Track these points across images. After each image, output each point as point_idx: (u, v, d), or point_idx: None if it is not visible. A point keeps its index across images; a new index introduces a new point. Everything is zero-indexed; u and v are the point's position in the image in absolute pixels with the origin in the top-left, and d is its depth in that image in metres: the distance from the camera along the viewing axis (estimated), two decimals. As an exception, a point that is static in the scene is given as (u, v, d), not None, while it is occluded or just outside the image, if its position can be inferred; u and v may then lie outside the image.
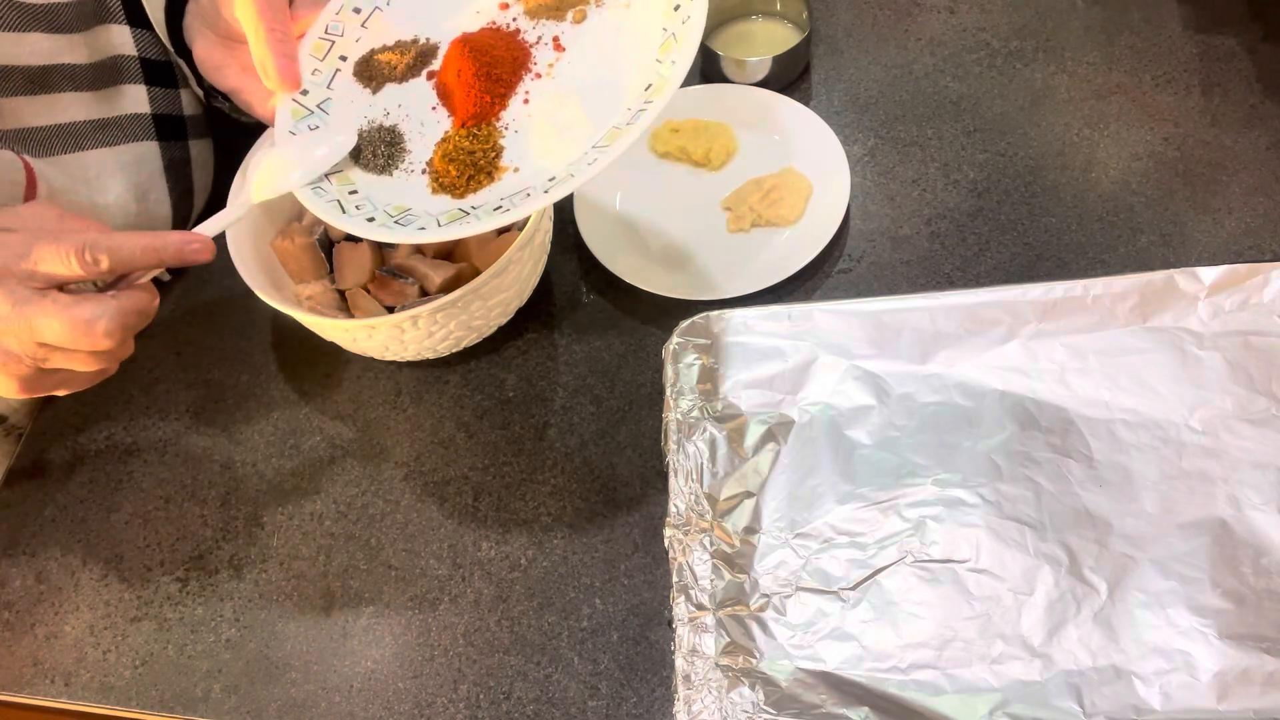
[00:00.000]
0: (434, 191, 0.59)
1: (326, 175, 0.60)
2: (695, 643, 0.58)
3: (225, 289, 0.80)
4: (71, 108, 0.71)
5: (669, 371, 0.67)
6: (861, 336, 0.67)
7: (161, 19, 0.73)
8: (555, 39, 0.63)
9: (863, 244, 0.75)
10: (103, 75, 0.73)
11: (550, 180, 0.57)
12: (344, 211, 0.58)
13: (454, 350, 0.70)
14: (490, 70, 0.61)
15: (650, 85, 0.58)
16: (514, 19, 0.64)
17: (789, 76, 0.83)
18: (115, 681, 0.65)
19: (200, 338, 0.78)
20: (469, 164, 0.59)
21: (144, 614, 0.67)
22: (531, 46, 0.63)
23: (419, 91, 0.64)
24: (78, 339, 0.54)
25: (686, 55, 0.58)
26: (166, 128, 0.77)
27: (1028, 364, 0.64)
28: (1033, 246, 0.73)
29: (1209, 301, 0.64)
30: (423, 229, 0.57)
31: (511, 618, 0.64)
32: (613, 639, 0.62)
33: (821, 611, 0.58)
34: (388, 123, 0.62)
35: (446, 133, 0.61)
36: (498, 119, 0.61)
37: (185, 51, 0.72)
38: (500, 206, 0.57)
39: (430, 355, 0.70)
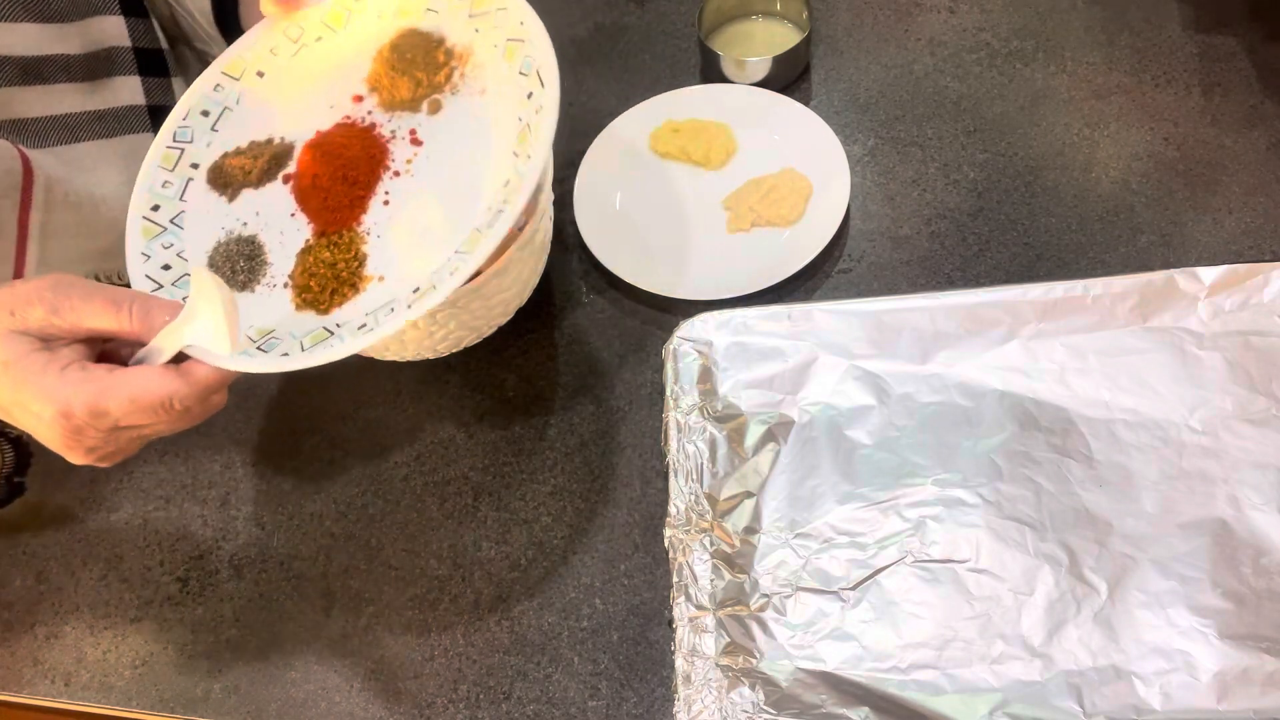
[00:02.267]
0: (298, 308, 0.56)
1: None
2: (695, 643, 0.58)
3: (225, 289, 0.80)
4: (67, 98, 0.71)
5: (669, 371, 0.67)
6: (861, 336, 0.67)
7: (208, 5, 0.74)
8: (412, 132, 0.61)
9: (863, 244, 0.75)
10: (97, 66, 0.73)
11: (414, 291, 0.54)
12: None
13: (454, 350, 0.70)
14: (346, 173, 0.60)
15: (508, 181, 0.56)
16: (369, 112, 0.63)
17: (789, 76, 0.83)
18: (115, 681, 0.65)
19: (200, 338, 0.78)
20: (331, 277, 0.57)
21: (144, 614, 0.67)
22: (388, 142, 0.61)
23: (276, 196, 0.61)
24: (159, 428, 0.53)
25: (541, 148, 0.56)
26: (161, 119, 0.77)
27: (1028, 364, 0.64)
28: (1033, 246, 0.73)
29: (1209, 301, 0.64)
30: (285, 354, 0.53)
31: (511, 618, 0.64)
32: (613, 639, 0.62)
33: (821, 611, 0.58)
34: (246, 233, 0.60)
35: (307, 241, 0.59)
36: (359, 224, 0.59)
37: (234, 37, 0.72)
38: (365, 325, 0.54)
39: (430, 355, 0.70)
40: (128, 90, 0.75)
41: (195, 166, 0.63)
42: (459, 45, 0.63)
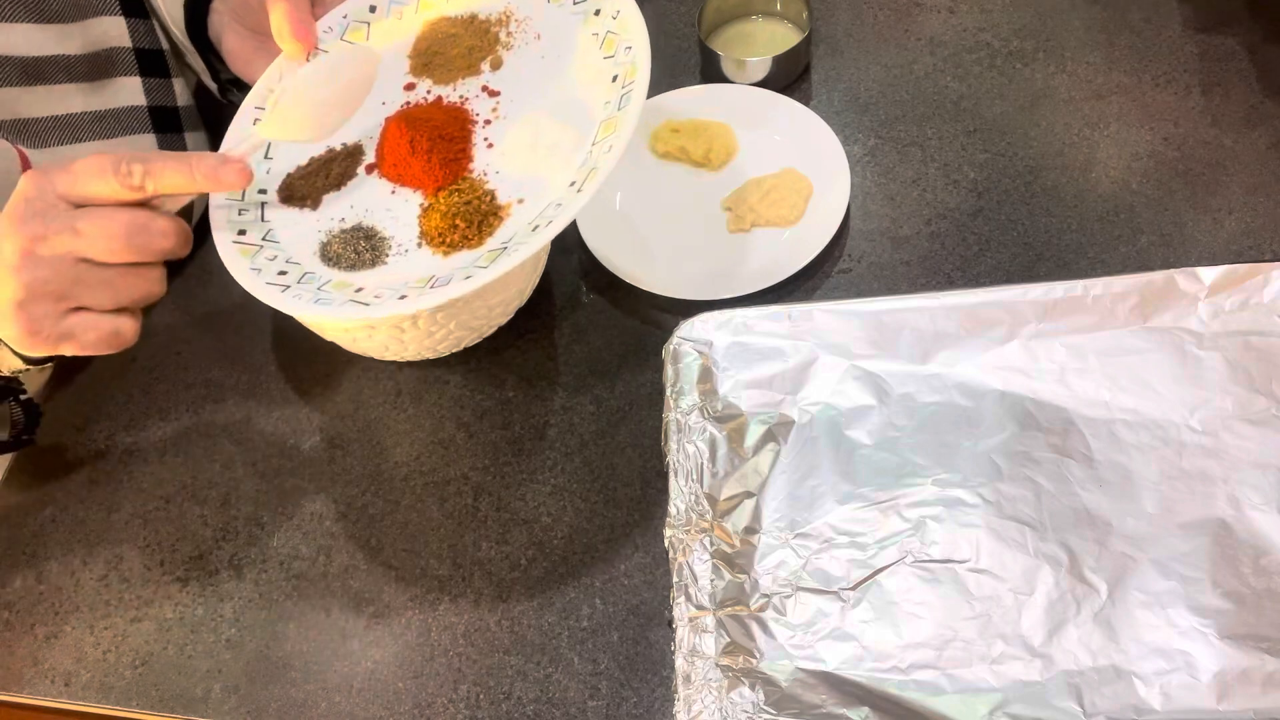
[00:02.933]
0: (446, 255, 0.58)
1: (319, 287, 0.58)
2: (695, 643, 0.58)
3: (225, 289, 0.79)
4: (67, 99, 0.71)
5: (669, 371, 0.67)
6: (861, 336, 0.67)
7: (180, 15, 0.74)
8: (484, 88, 0.63)
9: (863, 244, 0.75)
10: (97, 67, 0.73)
11: (571, 185, 0.57)
12: (368, 305, 0.56)
13: (454, 350, 0.70)
14: (441, 131, 0.61)
15: (615, 77, 0.58)
16: (428, 91, 0.64)
17: (789, 76, 0.83)
18: (115, 681, 0.65)
19: (200, 338, 0.78)
20: (474, 210, 0.59)
21: (144, 614, 0.67)
22: (464, 103, 0.63)
23: (366, 186, 0.62)
24: (129, 244, 0.53)
25: (638, 38, 0.58)
26: (162, 120, 0.78)
27: (1028, 364, 0.64)
28: (1033, 246, 0.73)
29: (1209, 301, 0.64)
30: (468, 277, 0.56)
31: (511, 618, 0.64)
32: (613, 639, 0.62)
33: (821, 611, 0.58)
34: (350, 223, 0.61)
35: (423, 205, 0.61)
36: (468, 172, 0.61)
37: (203, 45, 0.72)
38: (536, 225, 0.56)
39: (430, 355, 0.70)
40: (128, 91, 0.75)
41: (263, 192, 0.64)
42: (494, 13, 0.65)
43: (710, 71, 0.84)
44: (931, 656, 0.56)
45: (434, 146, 0.61)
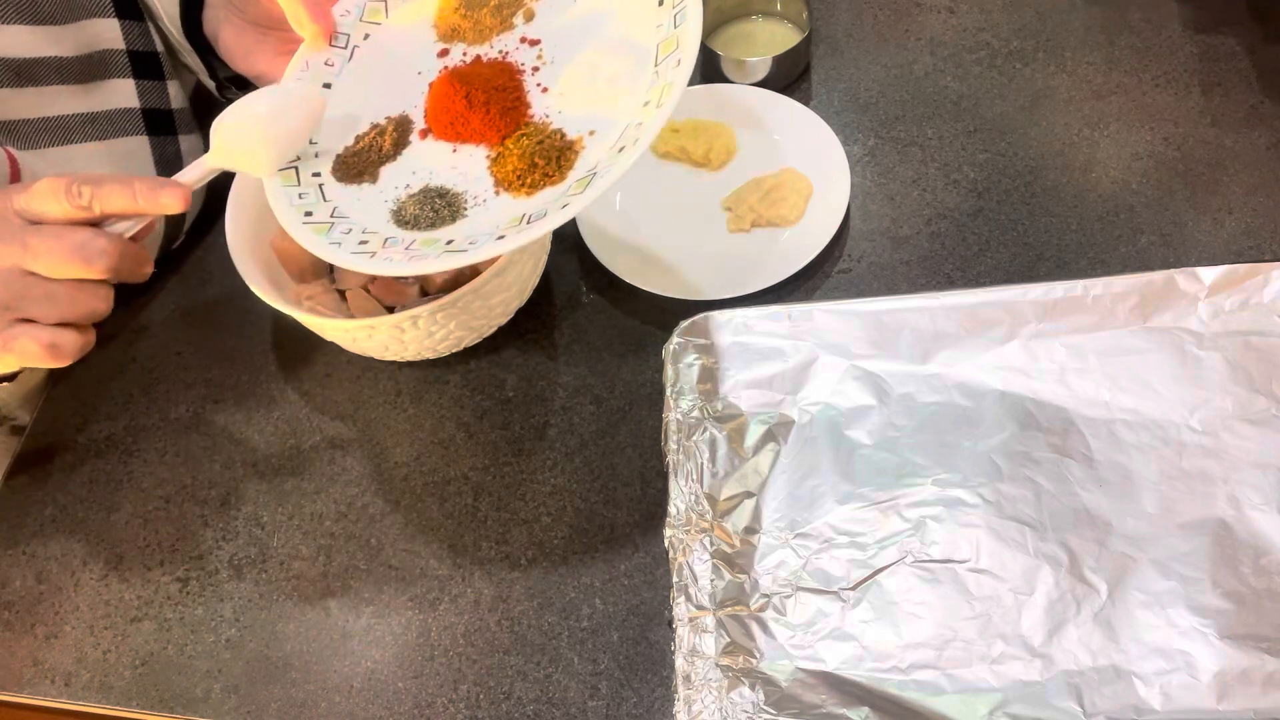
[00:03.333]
0: (530, 195, 0.58)
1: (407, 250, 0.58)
2: (695, 643, 0.58)
3: (225, 289, 0.80)
4: (58, 101, 0.71)
5: (669, 371, 0.67)
6: (861, 336, 0.67)
7: (176, 12, 0.73)
8: (522, 39, 0.63)
9: (863, 244, 0.75)
10: (89, 69, 0.73)
11: (646, 105, 0.57)
12: (465, 251, 0.56)
13: (454, 350, 0.70)
14: (492, 82, 0.61)
15: (661, 2, 0.59)
16: (464, 53, 0.64)
17: (789, 76, 0.83)
18: (115, 681, 0.65)
19: (200, 338, 0.78)
20: (550, 148, 0.59)
21: (144, 614, 0.67)
22: (506, 56, 0.63)
23: (424, 150, 0.62)
24: (71, 259, 0.55)
25: None
26: (156, 122, 0.77)
27: (1028, 364, 0.64)
28: (1033, 246, 0.73)
29: (1209, 301, 0.64)
30: (565, 206, 0.55)
31: (511, 618, 0.64)
32: (613, 639, 0.62)
33: (821, 611, 0.58)
34: (417, 187, 0.61)
35: (490, 155, 0.60)
36: (528, 118, 0.61)
37: (198, 41, 0.71)
38: (622, 146, 0.56)
39: (430, 355, 0.70)
40: (121, 93, 0.75)
41: (317, 175, 0.63)
42: None
43: (710, 71, 0.84)
44: (931, 656, 0.56)
45: (490, 98, 0.60)
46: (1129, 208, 0.74)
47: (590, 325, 0.74)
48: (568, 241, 0.77)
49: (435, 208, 0.60)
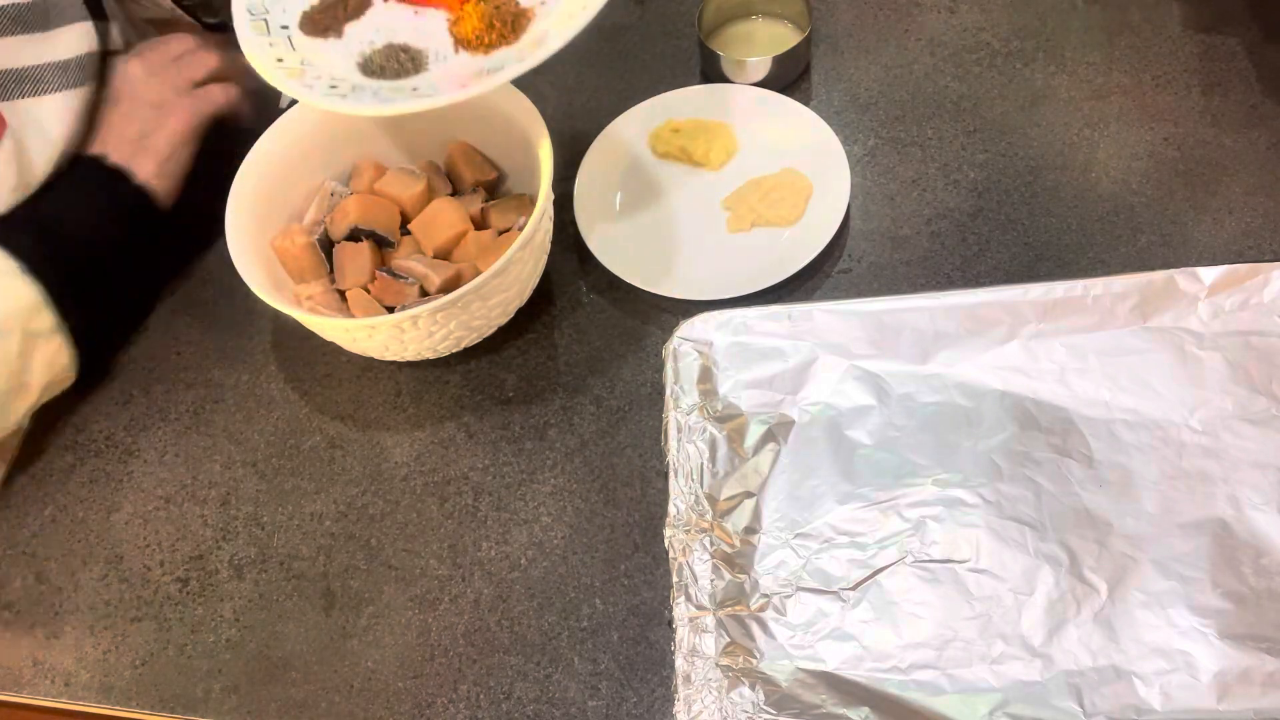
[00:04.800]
0: (487, 53, 0.64)
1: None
2: (695, 643, 0.58)
3: (225, 289, 0.79)
4: (25, 51, 0.71)
5: (669, 371, 0.67)
6: (861, 336, 0.67)
7: None
8: None
9: (863, 244, 0.75)
10: (47, 14, 0.72)
11: None
12: (431, 96, 0.61)
13: (454, 350, 0.70)
14: None
15: None
16: None
17: (789, 76, 0.83)
18: (115, 681, 0.65)
19: (200, 338, 0.78)
20: (508, 13, 0.64)
21: (144, 614, 0.67)
22: None
23: (386, 13, 0.67)
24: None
25: None
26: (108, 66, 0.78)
27: (1028, 364, 0.64)
28: (1033, 246, 0.73)
29: (1209, 301, 0.64)
30: (521, 60, 0.60)
31: (511, 618, 0.64)
32: (613, 639, 0.62)
33: (821, 611, 0.58)
34: (381, 43, 0.66)
35: (451, 18, 0.66)
36: None
37: None
38: (572, 14, 0.61)
39: (430, 355, 0.70)
40: (83, 37, 0.75)
41: (285, 27, 0.67)
42: None
43: (710, 71, 0.84)
44: (931, 656, 0.56)
45: None
46: (1129, 208, 0.74)
47: (590, 325, 0.74)
48: (568, 241, 0.77)
49: (399, 60, 0.65)
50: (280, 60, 0.65)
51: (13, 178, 0.69)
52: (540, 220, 0.67)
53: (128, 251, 0.74)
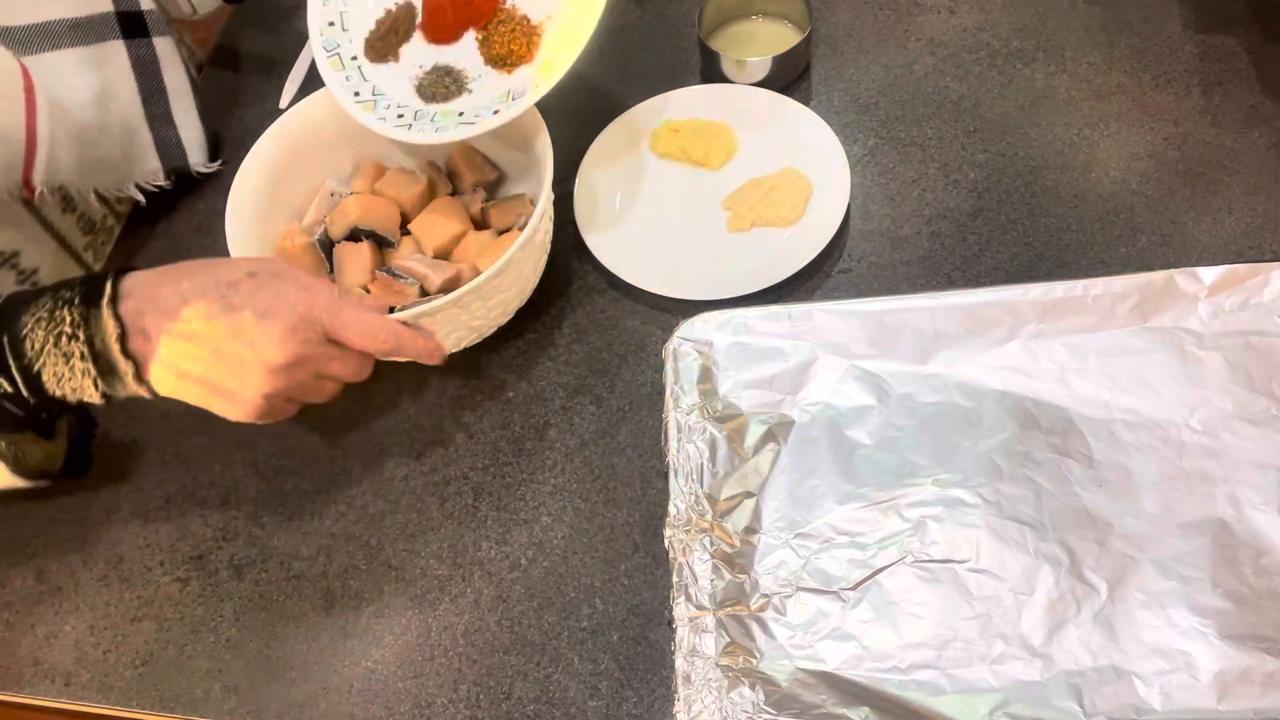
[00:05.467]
0: (510, 72, 0.70)
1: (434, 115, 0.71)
2: (695, 643, 0.58)
3: (225, 289, 0.79)
4: (45, 7, 0.73)
5: (669, 371, 0.67)
6: (861, 336, 0.67)
7: None
8: None
9: (863, 244, 0.75)
10: None
11: None
12: (474, 124, 0.69)
13: (454, 350, 0.70)
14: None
15: None
16: None
17: (789, 76, 0.83)
18: (115, 681, 0.65)
19: (200, 338, 0.78)
20: (520, 34, 0.70)
21: (144, 614, 0.67)
22: None
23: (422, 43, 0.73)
24: (362, 370, 0.61)
25: None
26: (130, 25, 0.79)
27: (1028, 364, 0.64)
28: (1033, 246, 0.73)
29: (1209, 301, 0.64)
30: (537, 87, 0.68)
31: (511, 618, 0.64)
32: (613, 639, 0.62)
33: (821, 611, 0.58)
34: (429, 65, 0.72)
35: (481, 36, 0.72)
36: (501, 6, 0.72)
37: None
38: (571, 35, 0.67)
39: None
40: None
41: (355, 59, 0.73)
42: None
43: (710, 71, 0.84)
44: (931, 656, 0.56)
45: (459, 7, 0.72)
46: (1129, 208, 0.74)
47: (590, 325, 0.74)
48: (568, 241, 0.77)
49: (445, 84, 0.71)
50: (357, 94, 0.72)
51: (63, 134, 0.72)
52: (540, 220, 0.67)
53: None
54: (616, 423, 0.70)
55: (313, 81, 0.81)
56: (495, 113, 0.69)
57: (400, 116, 0.71)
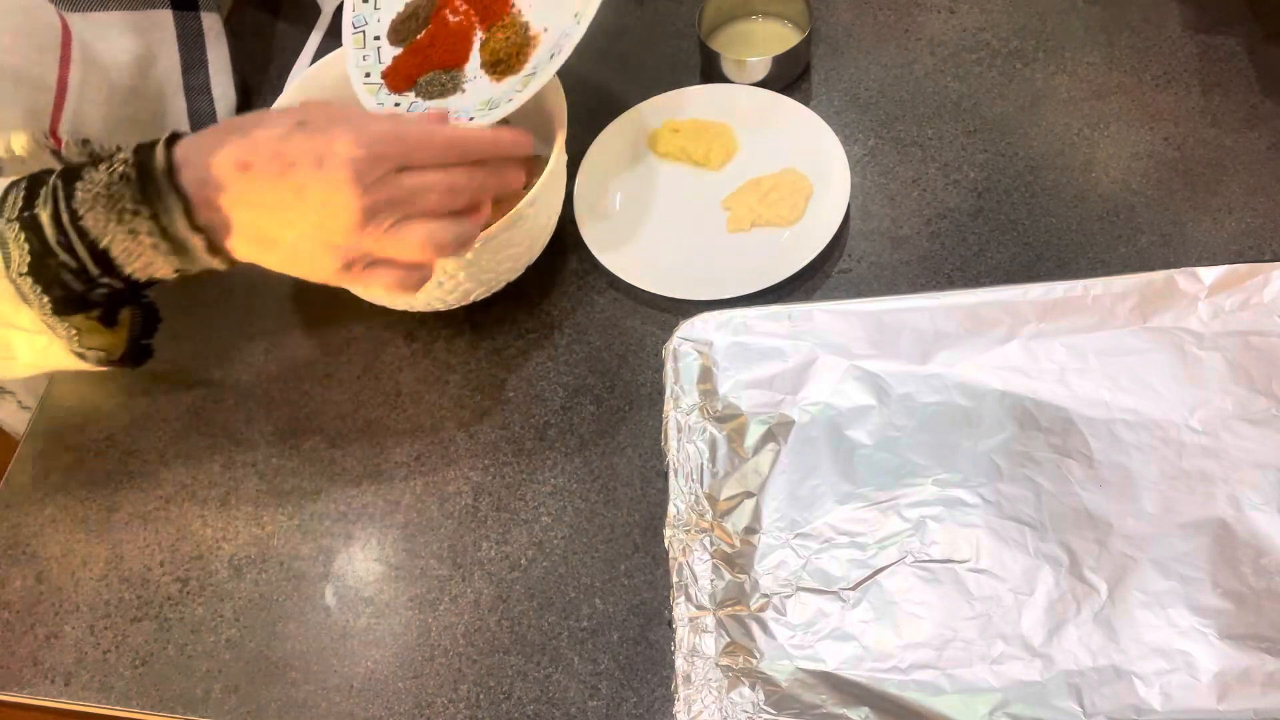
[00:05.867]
0: (499, 80, 0.69)
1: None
2: (695, 643, 0.58)
3: (225, 288, 0.80)
4: None
5: (669, 371, 0.67)
6: (861, 336, 0.67)
7: None
8: None
9: (863, 244, 0.75)
10: None
11: (575, 16, 0.66)
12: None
13: (462, 304, 0.71)
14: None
15: None
16: None
17: (789, 76, 0.83)
18: (115, 681, 0.65)
19: (200, 337, 0.78)
20: (515, 42, 0.70)
21: (144, 614, 0.67)
22: None
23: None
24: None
25: None
26: None
27: (1028, 364, 0.64)
28: (1033, 246, 0.73)
29: (1209, 301, 0.64)
30: (510, 100, 0.67)
31: (511, 618, 0.64)
32: (613, 639, 0.62)
33: (821, 611, 0.58)
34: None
35: (484, 36, 0.71)
36: (509, 10, 0.71)
37: None
38: (553, 54, 0.67)
39: (440, 306, 0.71)
40: None
41: (378, 39, 0.74)
42: None
43: (710, 71, 0.84)
44: (931, 656, 0.56)
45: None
46: (1129, 208, 0.74)
47: (590, 325, 0.74)
48: (568, 241, 0.77)
49: (442, 81, 0.71)
50: (368, 75, 0.72)
51: (94, 89, 0.73)
52: (554, 179, 0.68)
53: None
54: (616, 423, 0.70)
55: (334, 39, 0.83)
56: (470, 119, 0.68)
57: (396, 105, 0.71)
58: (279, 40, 0.93)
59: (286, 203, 0.53)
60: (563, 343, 0.74)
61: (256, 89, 0.89)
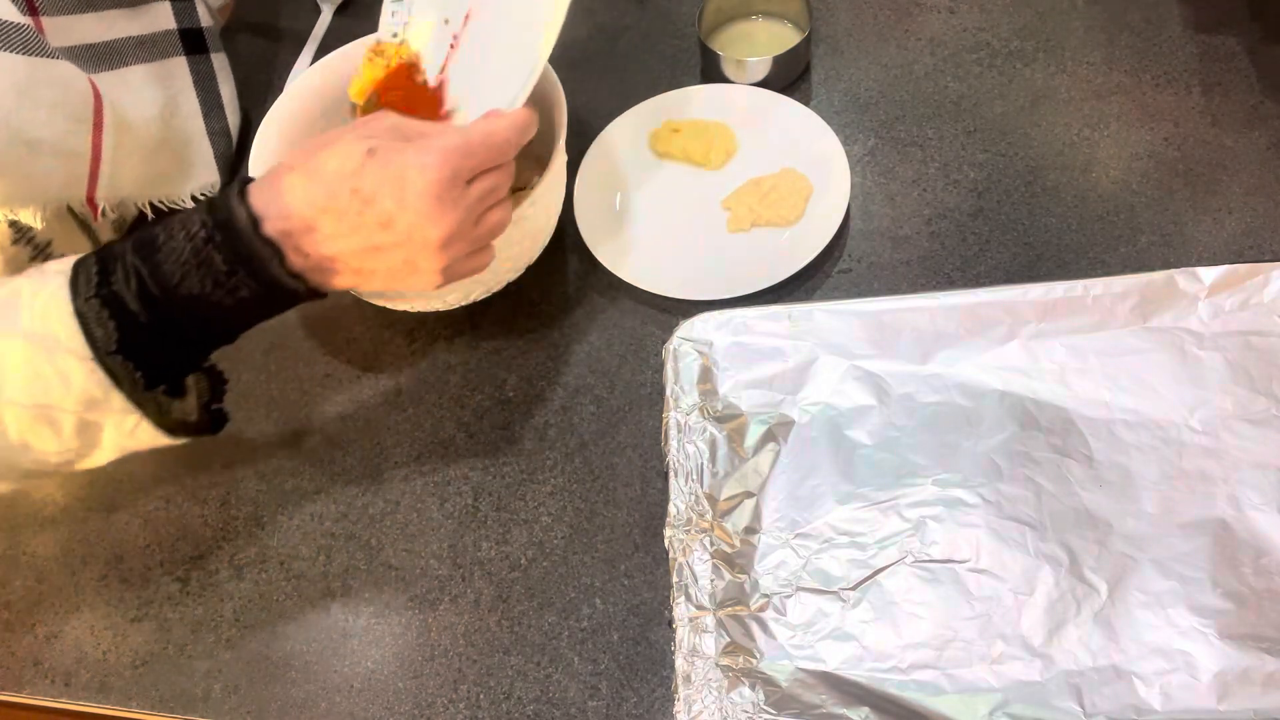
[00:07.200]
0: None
1: None
2: (695, 643, 0.58)
3: (225, 289, 0.79)
4: (116, 25, 0.76)
5: (669, 371, 0.67)
6: (861, 336, 0.67)
7: None
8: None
9: (863, 244, 0.75)
10: None
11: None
12: None
13: (462, 304, 0.71)
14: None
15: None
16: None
17: (789, 76, 0.83)
18: (115, 681, 0.65)
19: (200, 338, 0.78)
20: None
21: (144, 614, 0.67)
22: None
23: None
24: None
25: None
26: (191, 41, 0.83)
27: (1028, 364, 0.64)
28: (1033, 246, 0.73)
29: (1209, 301, 0.64)
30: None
31: (511, 618, 0.64)
32: (613, 639, 0.62)
33: (821, 611, 0.58)
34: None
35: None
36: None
37: None
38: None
39: (440, 306, 0.71)
40: (163, 15, 0.80)
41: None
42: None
43: (710, 71, 0.84)
44: (931, 656, 0.56)
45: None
46: (1129, 208, 0.74)
47: (590, 325, 0.74)
48: (568, 241, 0.77)
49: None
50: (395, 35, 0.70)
51: (126, 150, 0.73)
52: (554, 177, 0.67)
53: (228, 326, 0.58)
54: (616, 423, 0.70)
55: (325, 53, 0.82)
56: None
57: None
58: (265, 63, 0.93)
59: (374, 238, 0.54)
60: (563, 343, 0.74)
61: (253, 109, 0.88)
